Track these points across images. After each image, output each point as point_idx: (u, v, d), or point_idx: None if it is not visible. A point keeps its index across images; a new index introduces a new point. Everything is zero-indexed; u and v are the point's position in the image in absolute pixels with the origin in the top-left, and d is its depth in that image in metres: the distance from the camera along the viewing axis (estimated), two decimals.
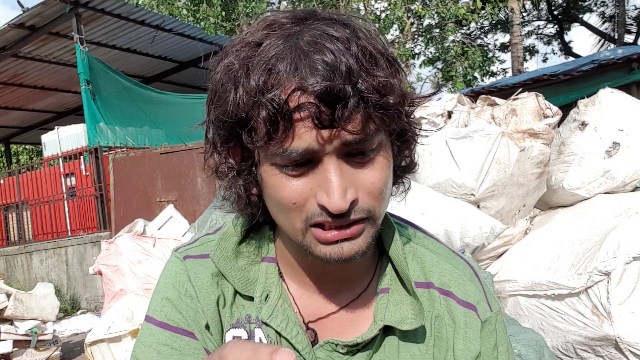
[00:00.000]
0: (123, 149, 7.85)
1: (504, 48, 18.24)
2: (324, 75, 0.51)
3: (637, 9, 16.44)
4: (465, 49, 13.42)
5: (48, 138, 8.99)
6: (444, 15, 12.04)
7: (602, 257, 2.29)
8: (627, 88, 6.13)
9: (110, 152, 7.58)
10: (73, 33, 7.70)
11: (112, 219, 7.12)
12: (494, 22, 16.37)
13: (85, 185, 8.02)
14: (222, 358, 0.41)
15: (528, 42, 18.72)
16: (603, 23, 16.98)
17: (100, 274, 4.03)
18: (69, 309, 7.16)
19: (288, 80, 0.52)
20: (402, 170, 0.67)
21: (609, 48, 14.12)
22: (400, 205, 0.72)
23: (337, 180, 0.54)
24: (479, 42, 17.03)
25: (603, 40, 16.67)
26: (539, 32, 18.98)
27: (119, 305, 3.53)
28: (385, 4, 13.28)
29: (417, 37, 14.65)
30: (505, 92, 6.89)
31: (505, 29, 16.62)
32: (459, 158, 2.94)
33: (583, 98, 3.10)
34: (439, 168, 2.99)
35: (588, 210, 2.82)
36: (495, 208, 2.98)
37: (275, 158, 0.55)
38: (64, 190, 8.44)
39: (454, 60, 13.80)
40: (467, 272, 0.71)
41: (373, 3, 13.91)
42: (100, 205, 7.62)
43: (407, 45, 13.61)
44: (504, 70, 17.61)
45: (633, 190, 2.95)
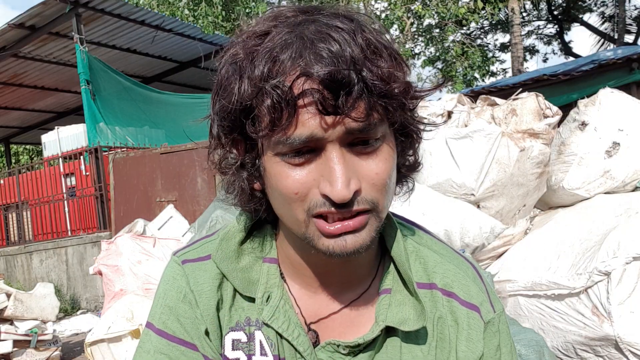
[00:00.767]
0: (123, 149, 7.85)
1: (504, 48, 18.24)
2: (329, 62, 0.51)
3: (637, 9, 16.44)
4: (465, 49, 13.42)
5: (48, 138, 8.99)
6: (444, 15, 12.04)
7: (602, 257, 2.29)
8: (627, 88, 6.14)
9: (110, 152, 7.58)
10: (73, 33, 7.70)
11: (112, 219, 7.12)
12: (494, 22, 16.37)
13: (85, 185, 8.02)
14: None
15: (528, 42, 18.73)
16: (603, 23, 16.98)
17: (100, 274, 4.03)
18: (69, 309, 7.16)
19: (292, 68, 0.52)
20: (406, 169, 0.67)
21: (609, 48, 14.13)
22: (402, 207, 0.72)
23: (340, 169, 0.54)
24: (479, 42, 17.03)
25: (603, 40, 16.66)
26: (539, 32, 18.98)
27: (119, 305, 3.53)
28: (385, 4, 13.28)
29: (417, 37, 14.65)
30: (505, 92, 6.89)
31: (505, 29, 16.62)
32: (459, 158, 2.94)
33: (583, 98, 3.10)
34: (439, 168, 2.99)
35: (588, 210, 2.82)
36: (495, 208, 2.97)
37: (279, 147, 0.55)
38: (64, 190, 8.43)
39: (454, 60, 13.80)
40: (470, 272, 0.71)
41: (373, 3, 13.90)
42: (100, 205, 7.62)
43: (407, 45, 13.60)
44: (504, 70, 17.61)
45: (633, 190, 2.95)
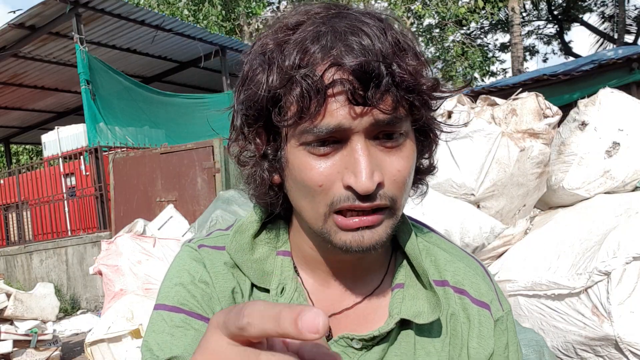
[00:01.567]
0: (123, 149, 7.85)
1: (504, 48, 18.25)
2: (360, 54, 0.52)
3: (637, 9, 16.44)
4: (465, 49, 13.42)
5: (48, 138, 8.99)
6: (444, 15, 12.04)
7: (602, 257, 2.29)
8: (627, 88, 6.14)
9: (110, 152, 7.57)
10: (73, 33, 7.69)
11: (112, 219, 7.12)
12: (494, 22, 16.37)
13: (85, 185, 8.02)
14: (241, 328, 0.32)
15: (528, 42, 18.75)
16: (602, 23, 16.99)
17: (100, 274, 4.03)
18: (69, 309, 7.16)
19: (323, 58, 0.53)
20: (421, 173, 0.68)
21: (609, 48, 14.12)
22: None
23: (365, 161, 0.54)
24: (479, 42, 17.03)
25: (603, 40, 16.67)
26: (539, 32, 18.99)
27: (119, 305, 3.53)
28: (385, 4, 13.27)
29: (417, 37, 14.63)
30: (505, 92, 6.89)
31: (505, 29, 16.62)
32: (459, 158, 2.94)
33: (583, 98, 3.10)
34: (439, 168, 2.98)
35: (588, 210, 2.82)
36: (495, 208, 2.97)
37: (305, 136, 0.55)
38: (64, 190, 8.43)
39: (454, 60, 13.79)
40: (479, 271, 0.72)
41: (373, 3, 13.90)
42: (100, 205, 7.62)
43: None
44: (504, 70, 17.62)
45: (633, 190, 2.95)
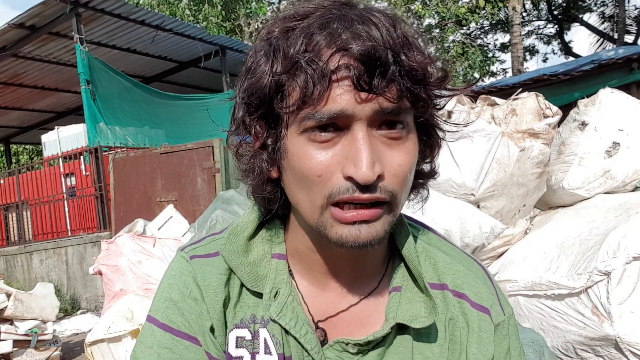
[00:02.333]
0: (123, 149, 7.85)
1: (504, 48, 18.25)
2: (367, 41, 0.52)
3: (637, 9, 16.45)
4: (465, 49, 13.42)
5: (48, 138, 8.98)
6: (444, 15, 12.04)
7: (602, 257, 2.29)
8: (627, 88, 6.13)
9: (110, 152, 7.57)
10: (73, 33, 7.69)
11: (112, 219, 7.11)
12: (494, 22, 16.37)
13: (85, 185, 8.02)
14: None
15: (528, 42, 18.74)
16: (602, 23, 16.98)
17: (100, 274, 4.03)
18: (69, 309, 7.16)
19: (329, 44, 0.53)
20: (423, 176, 0.67)
21: (609, 48, 14.12)
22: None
23: (366, 150, 0.53)
24: (479, 42, 17.02)
25: (603, 40, 16.66)
26: (539, 32, 18.99)
27: (119, 305, 3.53)
28: (385, 4, 13.26)
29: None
30: (505, 92, 6.89)
31: (505, 29, 16.62)
32: (459, 158, 2.94)
33: (583, 98, 3.10)
34: (439, 168, 2.98)
35: (588, 210, 2.82)
36: (495, 208, 2.97)
37: (306, 122, 0.54)
38: (64, 190, 8.43)
39: (454, 60, 13.79)
40: (480, 275, 0.71)
41: (373, 2, 13.89)
42: (100, 205, 7.62)
43: None
44: (504, 70, 17.62)
45: (633, 190, 2.95)
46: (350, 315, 0.67)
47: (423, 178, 0.68)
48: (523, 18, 16.06)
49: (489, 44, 18.32)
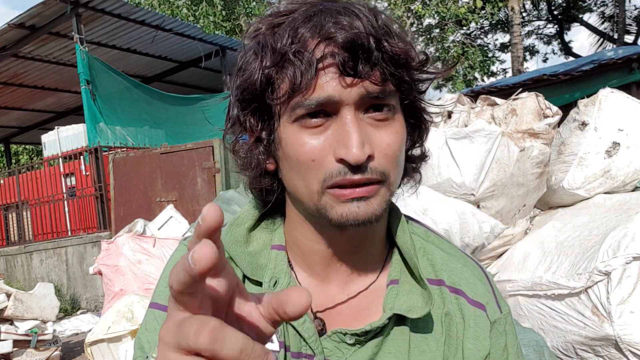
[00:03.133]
0: (123, 149, 7.85)
1: (504, 48, 18.24)
2: (350, 29, 0.55)
3: (637, 9, 16.45)
4: (465, 49, 13.42)
5: (48, 138, 8.99)
6: (444, 15, 12.04)
7: (602, 257, 2.29)
8: (627, 88, 6.13)
9: (110, 152, 7.57)
10: (73, 33, 7.70)
11: (112, 219, 7.12)
12: (494, 22, 16.37)
13: (85, 185, 8.02)
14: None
15: (528, 42, 18.74)
16: (602, 23, 16.98)
17: (100, 274, 4.03)
18: (69, 309, 7.16)
19: (314, 35, 0.56)
20: (413, 160, 0.69)
21: (609, 48, 14.12)
22: (401, 206, 0.73)
23: (355, 131, 0.56)
24: (479, 42, 17.02)
25: (603, 40, 16.66)
26: (539, 32, 18.98)
27: (119, 305, 3.53)
28: (386, 4, 13.28)
29: (417, 37, 14.65)
30: (505, 92, 6.89)
31: (505, 29, 16.62)
32: (459, 158, 2.94)
33: (583, 98, 3.10)
34: (439, 168, 2.99)
35: (588, 210, 2.82)
36: (495, 208, 2.97)
37: (296, 110, 0.57)
38: (64, 190, 8.44)
39: (456, 61, 13.77)
40: (477, 272, 0.72)
41: (373, 2, 13.90)
42: (100, 205, 7.62)
43: None
44: (504, 70, 17.62)
45: (633, 190, 2.95)
46: (349, 308, 0.68)
47: (415, 162, 0.69)
48: (523, 18, 16.06)
49: (489, 44, 18.32)
